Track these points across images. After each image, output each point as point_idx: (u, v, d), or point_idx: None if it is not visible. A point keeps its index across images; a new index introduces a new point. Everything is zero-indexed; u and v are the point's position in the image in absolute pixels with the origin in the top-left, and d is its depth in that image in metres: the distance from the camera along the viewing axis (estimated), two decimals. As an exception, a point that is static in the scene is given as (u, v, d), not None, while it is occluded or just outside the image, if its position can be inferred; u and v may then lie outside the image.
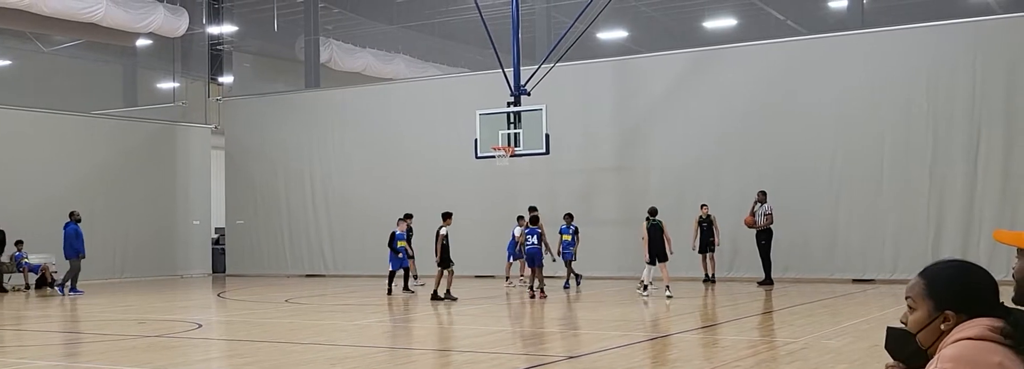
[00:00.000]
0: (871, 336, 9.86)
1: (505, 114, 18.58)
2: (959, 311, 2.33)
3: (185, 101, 27.81)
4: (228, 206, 26.83)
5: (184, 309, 16.80)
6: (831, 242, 18.97)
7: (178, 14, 25.25)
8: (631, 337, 11.08)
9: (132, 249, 24.34)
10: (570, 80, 20.75)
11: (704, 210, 18.89)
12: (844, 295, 16.08)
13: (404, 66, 30.33)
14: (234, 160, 26.77)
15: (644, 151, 20.97)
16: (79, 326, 14.11)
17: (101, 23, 23.49)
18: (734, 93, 19.93)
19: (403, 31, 30.09)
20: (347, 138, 24.72)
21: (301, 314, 14.66)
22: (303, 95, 26.52)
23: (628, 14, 27.79)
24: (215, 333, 12.42)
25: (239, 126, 26.74)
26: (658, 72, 21.10)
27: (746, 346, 9.99)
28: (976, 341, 2.24)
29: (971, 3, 24.69)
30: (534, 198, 21.52)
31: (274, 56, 31.50)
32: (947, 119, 18.03)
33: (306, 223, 25.24)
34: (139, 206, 24.54)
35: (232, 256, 26.64)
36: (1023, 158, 17.41)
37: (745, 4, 27.66)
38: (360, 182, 24.37)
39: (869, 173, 18.67)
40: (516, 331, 12.28)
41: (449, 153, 22.18)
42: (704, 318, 13.51)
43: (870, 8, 23.12)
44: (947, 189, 17.97)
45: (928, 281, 2.39)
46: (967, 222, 17.69)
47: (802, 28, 25.58)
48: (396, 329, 12.88)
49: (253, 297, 18.55)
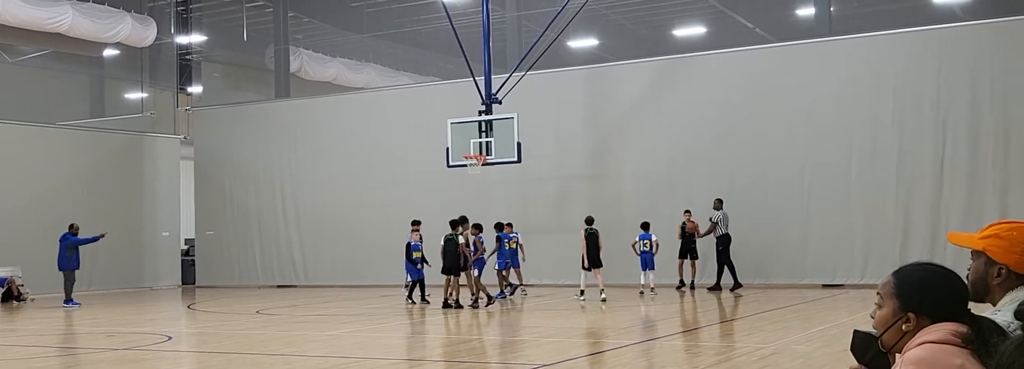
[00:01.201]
0: (840, 341, 9.92)
1: (477, 123, 18.57)
2: (921, 314, 2.36)
3: (154, 111, 27.57)
4: (198, 217, 26.61)
5: (153, 321, 16.62)
6: (801, 248, 19.10)
7: (146, 24, 25.06)
8: (602, 345, 11.09)
9: (100, 261, 24.02)
10: (541, 88, 20.79)
11: (686, 217, 18.97)
12: (814, 300, 16.19)
13: (375, 75, 30.28)
14: (204, 171, 26.56)
15: (616, 159, 21.04)
16: (46, 340, 13.90)
17: (67, 33, 23.26)
18: (705, 100, 20.05)
19: (374, 40, 30.04)
20: (318, 147, 24.61)
21: (272, 325, 14.54)
22: (273, 105, 26.39)
23: (598, 22, 27.91)
24: (185, 345, 12.30)
25: (209, 136, 26.56)
26: (629, 80, 21.19)
27: (716, 352, 10.02)
28: (940, 344, 2.27)
29: (936, 10, 25.01)
30: (506, 206, 21.53)
31: (244, 66, 31.32)
32: (914, 124, 18.23)
33: (277, 233, 25.08)
34: (107, 218, 24.21)
35: (202, 267, 26.40)
36: (987, 163, 17.64)
37: (714, 12, 27.87)
38: (331, 191, 24.25)
39: (838, 179, 18.83)
40: (487, 340, 12.25)
41: (421, 162, 22.13)
42: (677, 324, 13.54)
43: (837, 16, 23.35)
44: (914, 194, 18.17)
45: (898, 281, 2.43)
46: (934, 226, 17.88)
47: (771, 36, 25.79)
48: (368, 339, 12.80)
49: (223, 308, 18.39)
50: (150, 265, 25.72)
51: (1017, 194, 17.36)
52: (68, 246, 19.40)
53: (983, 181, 17.65)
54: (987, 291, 2.63)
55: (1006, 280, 2.61)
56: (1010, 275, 2.60)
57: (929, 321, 2.35)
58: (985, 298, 2.64)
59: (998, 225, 2.69)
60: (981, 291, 2.64)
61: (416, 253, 17.33)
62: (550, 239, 20.93)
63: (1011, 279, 2.61)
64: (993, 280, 2.62)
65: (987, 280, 2.62)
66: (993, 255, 2.62)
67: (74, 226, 19.71)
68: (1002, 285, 2.62)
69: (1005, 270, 2.61)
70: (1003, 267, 2.61)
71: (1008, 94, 17.45)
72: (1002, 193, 17.47)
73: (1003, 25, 17.98)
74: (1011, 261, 2.60)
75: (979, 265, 2.65)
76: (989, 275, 2.63)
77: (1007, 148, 17.46)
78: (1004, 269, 2.61)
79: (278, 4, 27.47)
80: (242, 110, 26.49)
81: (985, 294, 2.63)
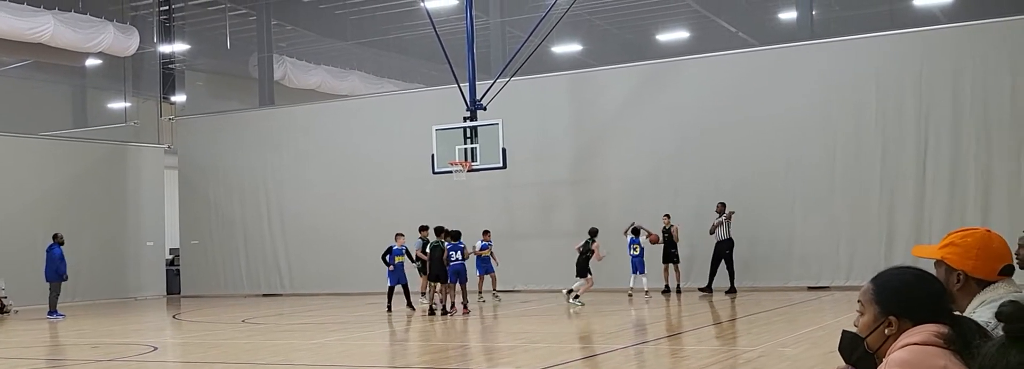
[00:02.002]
0: (827, 343, 9.95)
1: (461, 129, 18.57)
2: (902, 317, 2.39)
3: (137, 121, 27.42)
4: (182, 226, 26.48)
5: (139, 332, 16.52)
6: (787, 250, 19.17)
7: (128, 33, 24.94)
8: (591, 350, 11.08)
9: (84, 272, 23.83)
10: (526, 94, 20.80)
11: (665, 221, 19.02)
12: (800, 302, 16.24)
13: (359, 82, 30.22)
14: (188, 180, 26.44)
15: (601, 163, 21.06)
16: (30, 352, 13.78)
17: (49, 43, 23.11)
18: (689, 105, 20.11)
19: (357, 47, 29.99)
20: (303, 155, 24.54)
21: (258, 334, 14.48)
22: (257, 113, 26.30)
23: (582, 28, 27.97)
24: (171, 355, 12.23)
25: (193, 145, 26.44)
26: (613, 85, 21.23)
27: (705, 355, 10.03)
28: (923, 346, 2.29)
29: (917, 13, 25.16)
30: (492, 212, 21.53)
31: (227, 74, 31.20)
32: (896, 126, 18.34)
33: (262, 242, 24.98)
34: (91, 228, 24.08)
35: (187, 277, 26.26)
36: (969, 163, 17.75)
37: (697, 17, 27.97)
38: (316, 199, 24.18)
39: (822, 181, 18.92)
40: (474, 346, 12.22)
41: (406, 169, 22.09)
42: (664, 328, 13.54)
43: (819, 19, 23.47)
44: (897, 196, 18.26)
45: (877, 287, 2.46)
46: (917, 228, 17.98)
47: (753, 40, 25.89)
48: (355, 347, 12.75)
49: (209, 318, 18.30)
50: (134, 275, 25.55)
51: (998, 194, 17.48)
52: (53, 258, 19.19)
53: (965, 182, 17.76)
54: (952, 300, 2.64)
55: (965, 286, 2.65)
56: (968, 280, 2.63)
57: (910, 323, 2.37)
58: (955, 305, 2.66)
59: (955, 233, 2.74)
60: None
61: (398, 257, 17.19)
62: (536, 244, 20.94)
63: (970, 284, 2.64)
64: (953, 287, 2.65)
65: (949, 288, 2.64)
66: (951, 262, 2.66)
67: (58, 235, 19.50)
68: (963, 291, 2.65)
69: (963, 276, 2.64)
70: (961, 273, 2.65)
71: (988, 95, 17.57)
72: (984, 193, 17.58)
73: (982, 27, 18.11)
74: (967, 266, 2.63)
75: (940, 274, 2.69)
76: (949, 283, 2.65)
77: (988, 148, 17.58)
78: (962, 274, 2.65)
79: (261, 12, 27.40)
80: (226, 119, 26.39)
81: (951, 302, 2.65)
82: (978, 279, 2.63)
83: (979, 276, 2.63)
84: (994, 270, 2.62)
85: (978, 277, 2.63)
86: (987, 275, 2.62)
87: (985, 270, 2.63)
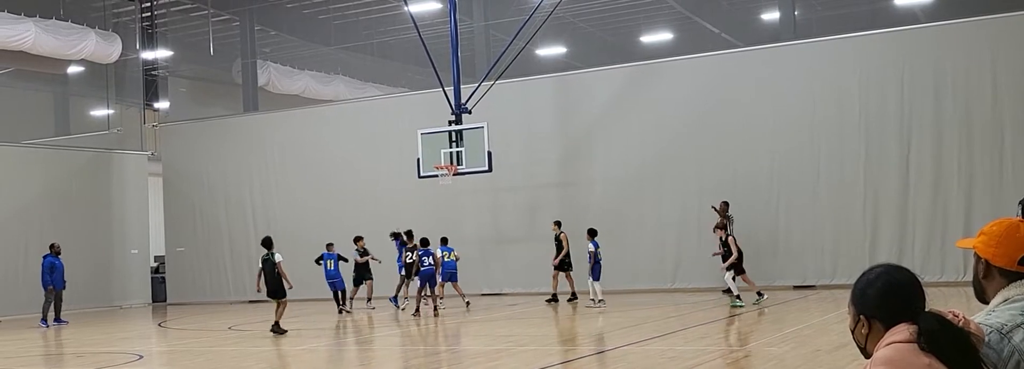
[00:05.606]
0: (812, 342, 9.98)
1: (447, 133, 18.55)
2: (871, 317, 2.41)
3: (120, 128, 27.29)
4: (167, 233, 26.33)
5: (124, 340, 16.41)
6: (772, 250, 19.20)
7: (110, 40, 24.79)
8: (577, 352, 11.07)
9: (68, 280, 23.69)
10: (511, 97, 20.81)
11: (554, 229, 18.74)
12: (786, 302, 16.28)
13: (343, 87, 30.16)
14: (172, 187, 26.31)
15: (587, 165, 21.07)
16: (12, 363, 13.67)
17: (31, 51, 22.95)
18: (673, 106, 20.15)
19: (341, 52, 29.94)
20: (288, 161, 24.46)
21: (245, 341, 14.41)
22: (241, 119, 26.20)
23: (566, 30, 28.01)
24: (157, 364, 12.15)
25: (177, 152, 26.32)
26: (598, 87, 21.25)
27: (691, 356, 10.03)
28: (907, 344, 2.29)
29: (898, 13, 25.32)
30: (478, 216, 21.50)
31: (211, 80, 31.09)
32: (879, 126, 18.42)
33: (248, 248, 24.82)
34: (75, 236, 23.89)
35: (173, 284, 26.12)
36: (952, 161, 17.84)
37: (680, 18, 28.04)
38: (302, 205, 24.09)
39: (806, 181, 18.98)
40: (461, 350, 12.20)
41: (391, 173, 22.05)
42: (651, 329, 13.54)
43: (801, 20, 23.58)
44: (881, 195, 18.34)
45: (855, 288, 2.48)
46: (901, 226, 18.07)
47: (736, 40, 25.98)
48: (342, 353, 12.71)
49: (195, 326, 18.20)
50: (119, 283, 25.37)
51: (981, 192, 17.57)
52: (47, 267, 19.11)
53: (948, 180, 17.85)
54: (982, 290, 2.62)
55: (989, 274, 2.59)
56: (990, 269, 2.58)
57: (880, 323, 2.38)
58: (983, 297, 2.63)
59: (991, 224, 2.67)
60: (978, 290, 2.64)
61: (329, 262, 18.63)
62: (521, 247, 20.92)
63: (994, 273, 2.58)
64: (980, 276, 2.62)
65: (977, 277, 2.63)
66: (978, 251, 2.62)
67: (55, 245, 19.39)
68: (988, 279, 2.59)
69: (986, 264, 2.59)
70: (986, 261, 2.60)
71: (970, 94, 17.68)
72: (967, 191, 17.67)
73: (963, 26, 18.22)
74: (990, 255, 2.58)
75: (974, 264, 2.66)
76: (977, 272, 2.63)
77: (970, 147, 17.67)
78: (986, 263, 2.60)
79: (245, 18, 27.32)
80: (210, 125, 26.28)
81: (981, 293, 2.62)
82: (1001, 268, 2.57)
83: (1000, 265, 2.56)
84: (1014, 259, 2.54)
85: (1000, 266, 2.57)
86: (1007, 264, 2.55)
87: (1005, 259, 2.55)
